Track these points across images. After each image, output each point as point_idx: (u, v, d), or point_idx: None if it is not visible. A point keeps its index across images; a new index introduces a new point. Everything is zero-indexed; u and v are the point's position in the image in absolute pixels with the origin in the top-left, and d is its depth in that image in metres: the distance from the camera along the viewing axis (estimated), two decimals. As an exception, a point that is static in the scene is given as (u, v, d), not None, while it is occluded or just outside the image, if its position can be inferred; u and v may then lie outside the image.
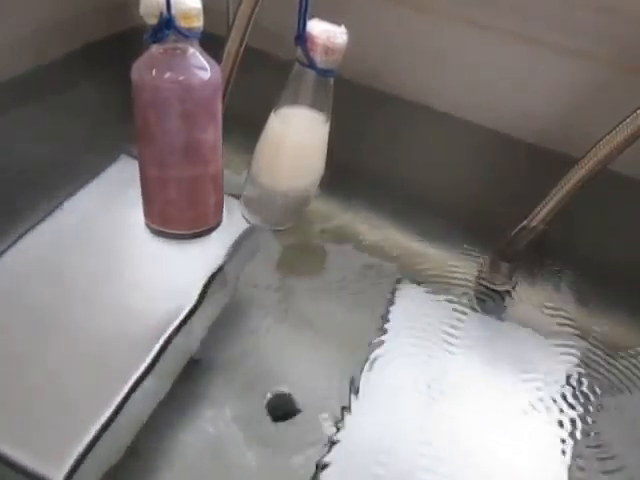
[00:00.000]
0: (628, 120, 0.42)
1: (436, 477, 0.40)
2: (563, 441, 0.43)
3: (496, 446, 0.42)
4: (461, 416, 0.43)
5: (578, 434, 0.43)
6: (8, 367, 0.40)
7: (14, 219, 0.49)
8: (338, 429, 0.41)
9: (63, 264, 0.47)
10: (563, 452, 0.42)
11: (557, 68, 0.56)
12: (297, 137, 0.44)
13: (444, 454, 0.41)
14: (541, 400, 0.45)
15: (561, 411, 0.44)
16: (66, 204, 0.51)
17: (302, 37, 0.39)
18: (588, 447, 0.43)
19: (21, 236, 0.48)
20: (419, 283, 0.52)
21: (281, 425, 0.41)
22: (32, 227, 0.49)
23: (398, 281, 0.52)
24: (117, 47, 0.66)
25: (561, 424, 0.44)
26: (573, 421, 0.44)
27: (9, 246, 0.47)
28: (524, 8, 0.55)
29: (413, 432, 0.42)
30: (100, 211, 0.52)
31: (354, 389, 0.43)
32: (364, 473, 0.39)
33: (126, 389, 0.40)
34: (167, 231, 0.47)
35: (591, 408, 0.45)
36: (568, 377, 0.47)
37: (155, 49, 0.39)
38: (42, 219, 0.50)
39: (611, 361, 0.48)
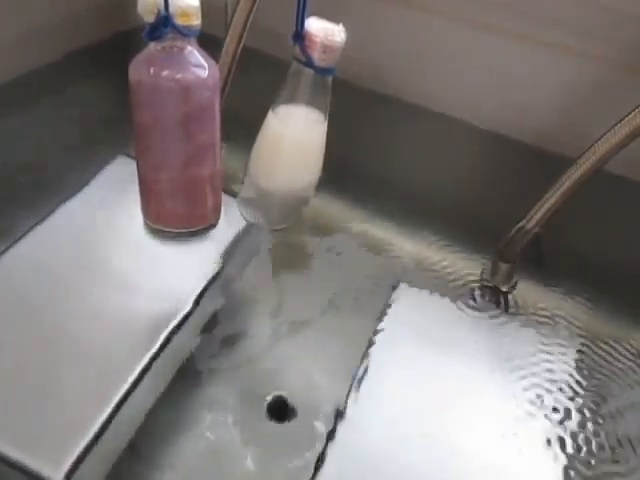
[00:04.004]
0: (625, 120, 0.42)
1: (434, 476, 0.40)
2: (562, 442, 0.42)
3: (494, 447, 0.42)
4: (459, 417, 0.43)
5: (578, 435, 0.43)
6: (7, 366, 0.40)
7: (13, 219, 0.49)
8: (336, 431, 0.41)
9: (62, 264, 0.47)
10: (561, 453, 0.42)
11: (557, 68, 0.56)
12: (295, 135, 0.44)
13: (442, 454, 0.41)
14: (541, 400, 0.45)
15: (561, 411, 0.44)
16: (65, 204, 0.51)
17: (300, 35, 0.39)
18: (587, 449, 0.42)
19: (20, 237, 0.48)
20: (418, 284, 0.52)
21: (280, 427, 0.41)
22: (31, 228, 0.49)
23: (397, 282, 0.52)
24: (116, 47, 0.66)
25: (560, 425, 0.43)
26: (572, 422, 0.44)
27: (8, 246, 0.47)
28: (524, 8, 0.55)
29: (411, 433, 0.42)
30: (99, 211, 0.52)
31: (352, 391, 0.43)
32: (362, 475, 0.39)
33: (125, 388, 0.40)
34: (165, 229, 0.47)
35: (590, 409, 0.45)
36: (568, 377, 0.47)
37: (153, 47, 0.39)
38: (41, 219, 0.50)
39: (611, 361, 0.48)
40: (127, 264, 0.48)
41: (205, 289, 0.47)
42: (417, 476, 0.40)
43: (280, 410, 0.42)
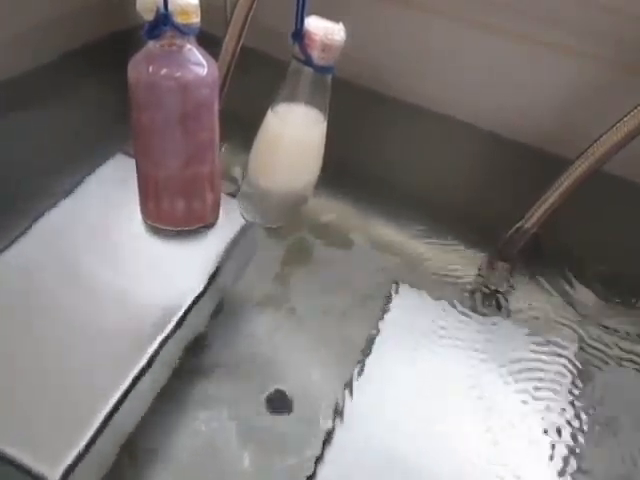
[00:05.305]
0: (624, 120, 0.42)
1: (431, 475, 0.40)
2: (559, 442, 0.42)
3: (493, 446, 0.42)
4: (457, 416, 0.43)
5: (574, 436, 0.43)
6: (6, 365, 0.40)
7: (13, 217, 0.49)
8: (334, 428, 0.41)
9: (61, 262, 0.47)
10: (558, 452, 0.42)
11: (557, 68, 0.56)
12: (294, 133, 0.44)
13: (439, 452, 0.41)
14: (538, 401, 0.45)
15: (558, 412, 0.44)
16: (64, 202, 0.51)
17: (299, 33, 0.39)
18: (583, 448, 0.42)
19: (19, 235, 0.48)
20: (417, 283, 0.52)
21: (278, 424, 0.41)
22: (30, 225, 0.49)
23: (395, 281, 0.52)
24: (114, 46, 0.66)
25: (557, 425, 0.43)
26: (569, 422, 0.44)
27: (8, 245, 0.47)
28: (524, 8, 0.55)
29: (410, 431, 0.42)
30: (97, 209, 0.52)
31: (350, 388, 0.43)
32: (361, 471, 0.39)
33: (124, 387, 0.40)
34: (163, 227, 0.47)
35: (586, 410, 0.45)
36: (565, 378, 0.46)
37: (152, 45, 0.39)
38: (40, 217, 0.49)
39: (608, 363, 0.48)
40: (126, 262, 0.48)
41: (204, 287, 0.47)
42: (416, 474, 0.40)
43: (279, 407, 0.42)
